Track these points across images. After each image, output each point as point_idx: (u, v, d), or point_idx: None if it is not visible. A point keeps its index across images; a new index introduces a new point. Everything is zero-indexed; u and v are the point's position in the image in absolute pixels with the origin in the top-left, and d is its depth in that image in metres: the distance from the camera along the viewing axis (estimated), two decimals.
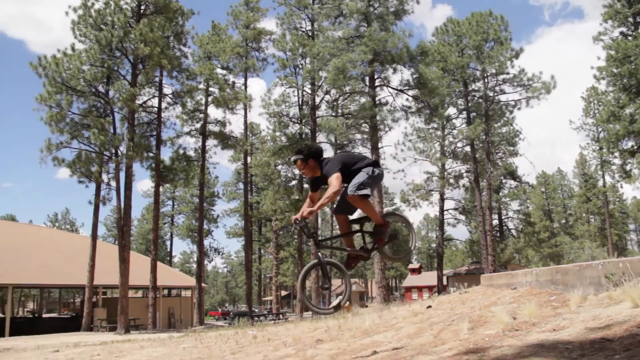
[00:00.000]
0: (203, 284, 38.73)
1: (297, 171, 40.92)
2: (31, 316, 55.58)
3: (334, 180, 5.42)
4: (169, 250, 68.39)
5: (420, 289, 57.86)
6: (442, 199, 45.44)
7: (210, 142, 39.10)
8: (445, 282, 46.61)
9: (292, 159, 6.05)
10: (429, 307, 10.20)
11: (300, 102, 39.15)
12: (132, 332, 26.09)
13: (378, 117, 33.05)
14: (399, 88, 34.36)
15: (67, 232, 62.25)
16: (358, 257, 6.06)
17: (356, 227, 6.10)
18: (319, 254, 5.83)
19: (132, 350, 13.02)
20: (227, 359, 8.96)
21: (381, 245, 5.87)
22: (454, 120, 44.33)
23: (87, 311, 29.16)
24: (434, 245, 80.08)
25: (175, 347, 12.91)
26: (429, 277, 57.21)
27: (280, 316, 38.96)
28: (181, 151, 33.10)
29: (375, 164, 5.86)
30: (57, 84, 27.43)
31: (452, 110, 43.76)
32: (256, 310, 44.35)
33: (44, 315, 54.18)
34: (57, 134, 27.64)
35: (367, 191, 5.54)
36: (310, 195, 6.08)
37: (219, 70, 39.06)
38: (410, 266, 64.61)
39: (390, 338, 7.38)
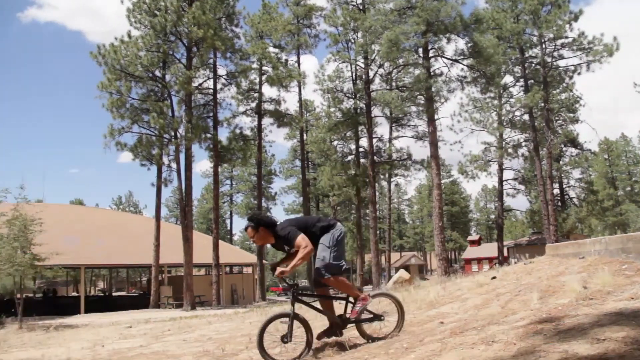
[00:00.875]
0: (264, 261, 39.37)
1: (353, 146, 40.88)
2: (102, 295, 58.00)
3: (302, 241, 5.36)
4: (229, 228, 69.78)
5: (479, 260, 57.05)
6: (500, 170, 44.49)
7: (266, 120, 39.48)
8: (505, 254, 45.84)
9: (244, 226, 5.94)
10: (494, 278, 10.05)
11: (354, 77, 38.92)
12: (197, 309, 26.81)
13: (433, 89, 32.52)
14: (453, 58, 33.62)
15: (131, 214, 64.31)
16: (332, 329, 5.82)
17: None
18: (292, 306, 5.64)
19: (200, 326, 13.39)
20: (294, 333, 9.07)
21: (354, 316, 5.62)
22: (511, 89, 43.13)
23: (154, 289, 30.17)
24: (492, 216, 78.72)
25: (241, 322, 13.20)
26: (489, 249, 56.30)
27: None
28: (238, 131, 33.50)
29: (331, 225, 5.72)
30: (116, 71, 28.13)
31: (508, 79, 42.54)
32: None
33: (114, 294, 56.50)
34: (119, 119, 28.47)
35: (342, 266, 5.48)
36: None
37: (271, 49, 39.19)
38: (470, 238, 63.80)
39: (456, 309, 7.34)
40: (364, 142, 40.23)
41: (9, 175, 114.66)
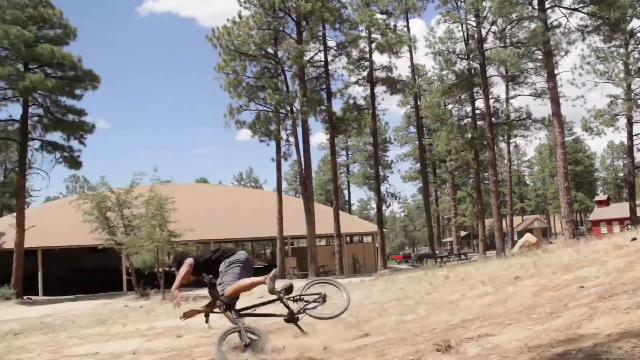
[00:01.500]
0: (384, 229, 39.51)
1: (468, 109, 39.70)
2: None
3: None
4: (347, 198, 70.49)
5: (609, 222, 53.64)
6: (629, 123, 41.23)
7: (379, 88, 39.18)
8: (638, 213, 42.75)
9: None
10: (634, 239, 9.45)
11: (466, 37, 37.56)
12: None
13: (551, 42, 30.71)
14: (572, 7, 31.45)
15: (253, 189, 66.75)
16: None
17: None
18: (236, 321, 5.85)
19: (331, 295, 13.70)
20: (425, 300, 9.09)
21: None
22: (638, 34, 39.65)
23: (279, 260, 31.26)
24: (621, 174, 73.62)
25: (369, 290, 13.38)
26: (619, 209, 52.69)
27: (463, 256, 38.62)
28: (351, 101, 33.62)
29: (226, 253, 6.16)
30: (230, 52, 29.07)
31: (635, 23, 39.04)
32: (437, 252, 44.41)
33: None
34: (236, 98, 29.57)
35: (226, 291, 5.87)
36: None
37: (378, 16, 38.62)
38: (597, 198, 60.03)
39: (595, 273, 7.00)
40: (480, 103, 38.97)
41: (142, 159, 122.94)
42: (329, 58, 33.10)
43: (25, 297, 26.80)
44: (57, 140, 29.20)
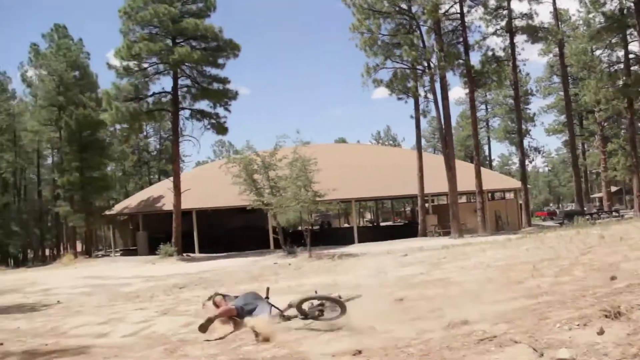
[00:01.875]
0: (528, 185, 37.87)
1: (620, 53, 36.49)
2: (370, 225, 61.90)
3: None
4: (487, 154, 68.23)
5: None
6: None
7: (518, 38, 36.96)
8: None
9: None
10: None
11: None
12: (464, 236, 27.00)
13: None
14: None
15: (391, 147, 66.62)
16: None
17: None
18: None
19: (474, 253, 13.53)
20: (580, 260, 8.70)
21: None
22: None
23: (421, 218, 31.14)
24: None
25: (516, 249, 13.03)
26: None
27: (615, 213, 36.03)
28: (489, 53, 32.16)
29: None
30: (364, 11, 28.89)
31: None
32: (585, 208, 41.81)
33: (381, 224, 59.85)
34: (372, 57, 29.44)
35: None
36: None
37: None
38: None
39: None
40: (634, 46, 35.56)
41: (282, 122, 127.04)
42: (465, 9, 31.71)
43: (184, 254, 29.14)
44: (204, 109, 31.07)
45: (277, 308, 6.73)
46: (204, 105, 31.11)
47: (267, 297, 6.84)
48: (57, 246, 55.75)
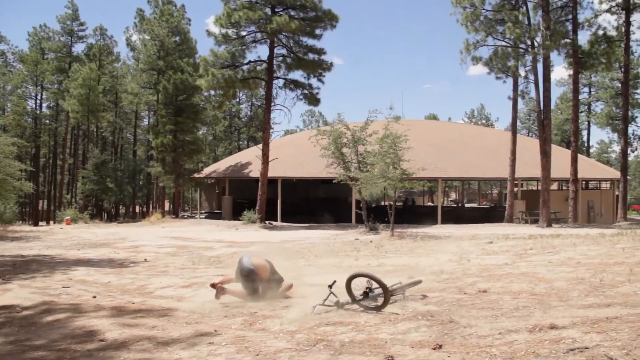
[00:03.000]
0: (627, 176, 35.68)
1: None
2: (454, 205, 60.79)
3: None
4: (585, 139, 64.92)
5: None
6: None
7: (635, 16, 34.54)
8: None
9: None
10: None
11: None
12: (553, 225, 25.97)
13: None
14: None
15: (483, 127, 64.78)
16: None
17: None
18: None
19: (564, 247, 12.91)
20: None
21: None
22: None
23: (509, 203, 30.10)
24: None
25: (611, 247, 12.31)
26: None
27: None
28: (600, 32, 30.24)
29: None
30: None
31: None
32: None
33: (466, 205, 58.63)
34: (473, 33, 28.47)
35: None
36: None
37: None
38: None
39: None
40: None
41: (373, 95, 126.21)
42: None
43: (267, 222, 29.74)
44: (298, 79, 31.31)
45: (335, 295, 6.74)
46: (297, 75, 31.40)
47: (330, 287, 6.83)
48: (146, 204, 58.75)
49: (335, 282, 6.90)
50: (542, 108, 27.74)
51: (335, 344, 5.11)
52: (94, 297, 8.47)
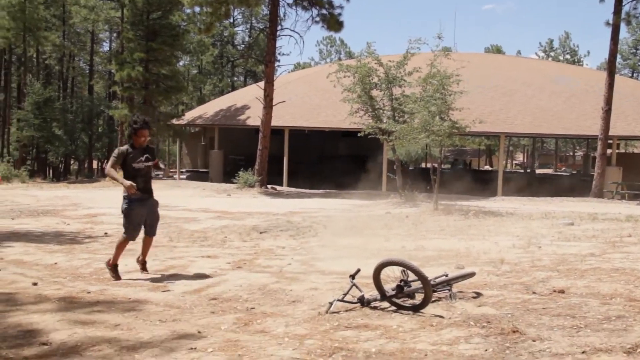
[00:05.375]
0: None
1: None
2: (522, 171, 60.48)
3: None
4: None
5: None
6: None
7: None
8: None
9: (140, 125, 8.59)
10: None
11: None
12: None
13: None
14: None
15: (566, 65, 63.85)
16: None
17: None
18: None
19: None
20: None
21: None
22: None
23: (598, 171, 29.27)
24: None
25: None
26: None
27: None
28: None
29: None
30: None
31: None
32: None
33: (537, 171, 58.17)
34: None
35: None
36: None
37: None
38: None
39: None
40: None
41: (414, 22, 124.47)
42: None
43: (269, 187, 29.79)
44: None
45: (360, 289, 6.75)
46: None
47: (352, 277, 6.84)
48: (107, 158, 58.71)
49: (359, 270, 6.88)
50: None
51: (358, 354, 5.09)
52: (35, 284, 8.29)
